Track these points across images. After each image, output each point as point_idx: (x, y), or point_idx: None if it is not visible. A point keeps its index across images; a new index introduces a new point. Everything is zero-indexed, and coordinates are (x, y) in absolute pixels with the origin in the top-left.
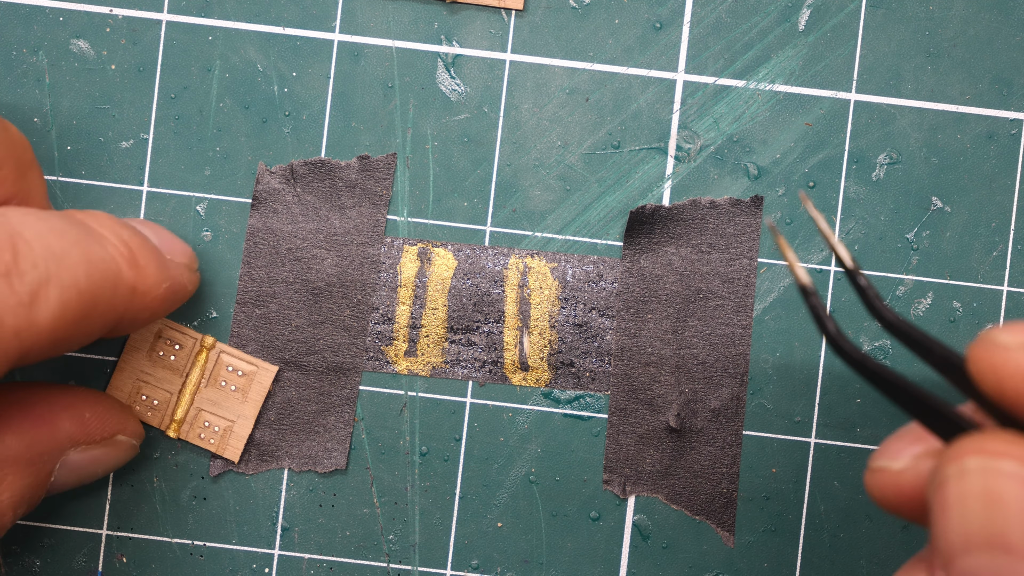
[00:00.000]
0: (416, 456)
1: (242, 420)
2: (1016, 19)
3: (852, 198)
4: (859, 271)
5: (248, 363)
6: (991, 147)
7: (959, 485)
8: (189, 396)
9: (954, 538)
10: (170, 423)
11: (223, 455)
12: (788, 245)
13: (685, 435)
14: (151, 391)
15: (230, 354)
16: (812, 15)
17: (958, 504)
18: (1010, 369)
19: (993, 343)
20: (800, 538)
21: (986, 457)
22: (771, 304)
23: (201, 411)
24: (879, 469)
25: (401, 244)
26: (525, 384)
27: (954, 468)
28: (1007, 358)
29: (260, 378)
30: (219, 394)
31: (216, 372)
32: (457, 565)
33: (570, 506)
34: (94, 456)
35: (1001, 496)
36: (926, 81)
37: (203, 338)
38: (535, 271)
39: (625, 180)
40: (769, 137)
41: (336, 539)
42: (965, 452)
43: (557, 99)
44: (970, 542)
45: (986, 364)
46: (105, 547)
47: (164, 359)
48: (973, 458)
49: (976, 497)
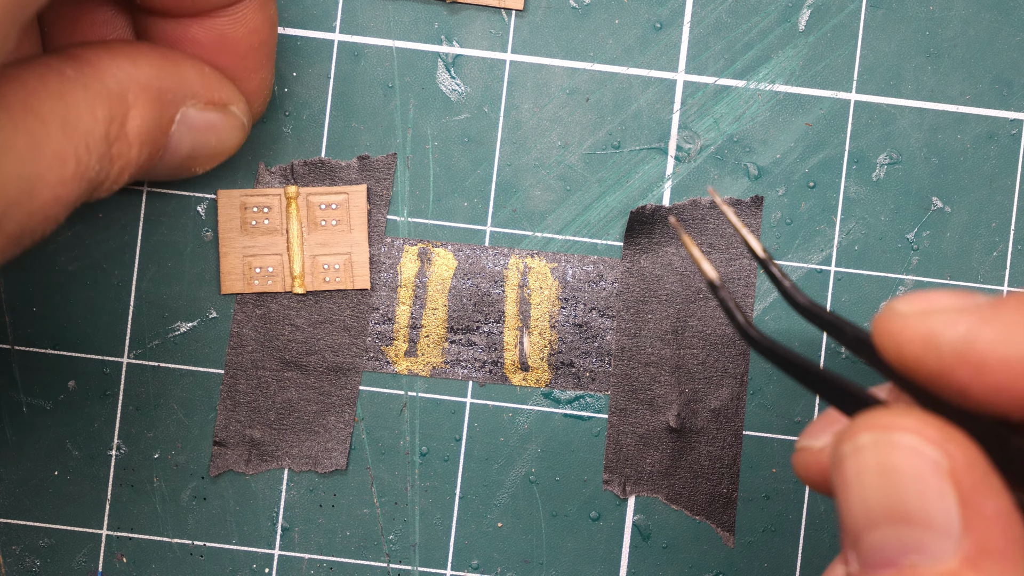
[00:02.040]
0: (416, 456)
1: (357, 248)
2: (1016, 19)
3: (852, 198)
4: (772, 260)
5: (336, 193)
6: (991, 147)
7: (855, 462)
8: (298, 248)
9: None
10: (292, 282)
11: (355, 287)
12: (692, 242)
13: (685, 435)
14: (261, 261)
15: (317, 192)
16: (812, 15)
17: (856, 481)
18: (907, 335)
19: (892, 312)
20: (800, 538)
21: (878, 432)
22: (771, 304)
23: (315, 257)
24: (801, 448)
25: (401, 244)
26: (525, 384)
27: (849, 446)
28: (904, 325)
29: (355, 201)
30: (324, 234)
31: (312, 215)
32: (457, 565)
33: (570, 506)
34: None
35: (895, 468)
36: (926, 81)
37: (285, 189)
38: (535, 271)
39: (625, 180)
40: (769, 137)
41: (336, 539)
42: (859, 429)
43: (557, 99)
44: (872, 518)
45: (886, 333)
46: (105, 547)
47: (258, 226)
48: (866, 434)
49: (872, 472)
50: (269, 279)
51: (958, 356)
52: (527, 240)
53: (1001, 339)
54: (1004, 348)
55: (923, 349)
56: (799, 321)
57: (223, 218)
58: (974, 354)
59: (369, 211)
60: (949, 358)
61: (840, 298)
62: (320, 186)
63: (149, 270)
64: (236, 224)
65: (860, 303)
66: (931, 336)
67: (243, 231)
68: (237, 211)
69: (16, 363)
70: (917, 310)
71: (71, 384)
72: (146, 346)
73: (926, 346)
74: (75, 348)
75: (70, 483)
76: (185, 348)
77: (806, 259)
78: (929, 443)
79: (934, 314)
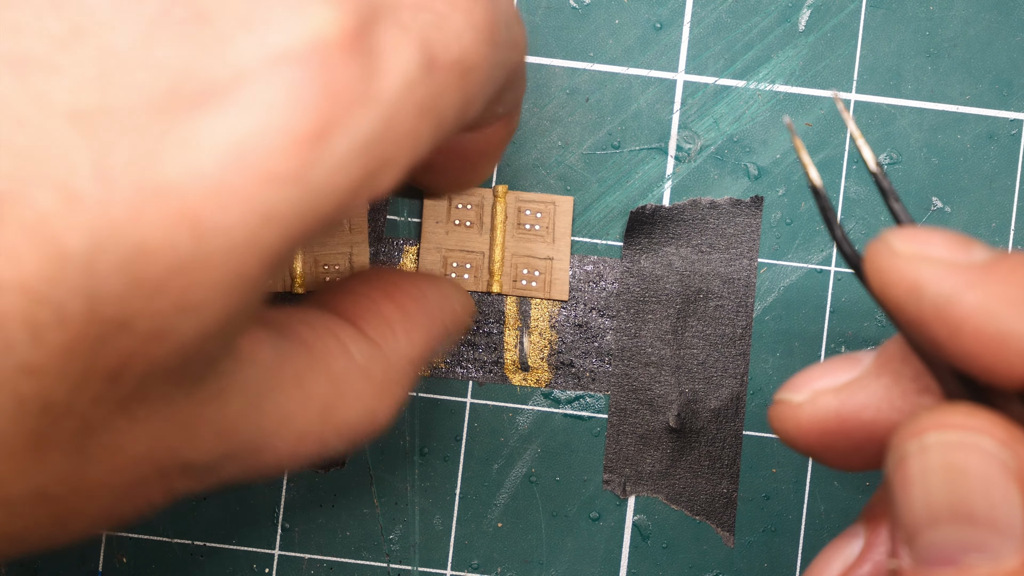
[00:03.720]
0: (416, 456)
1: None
2: (1016, 19)
3: (852, 198)
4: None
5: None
6: (991, 147)
7: (921, 460)
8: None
9: (918, 513)
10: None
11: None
12: (803, 146)
13: (685, 435)
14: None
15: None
16: (812, 15)
17: (920, 479)
18: (894, 277)
19: (886, 246)
20: (800, 538)
21: (947, 431)
22: (771, 304)
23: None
24: (779, 401)
25: (401, 244)
26: (525, 384)
27: (915, 444)
28: (893, 265)
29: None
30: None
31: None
32: (457, 565)
33: (570, 506)
34: None
35: (964, 468)
36: (926, 81)
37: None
38: None
39: (625, 180)
40: (769, 137)
41: (336, 539)
42: (925, 427)
43: (557, 99)
44: (934, 516)
45: (875, 267)
46: (105, 547)
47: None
48: (934, 433)
49: (938, 470)
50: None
51: (937, 313)
52: None
53: (981, 308)
54: (981, 318)
55: (906, 295)
56: (799, 321)
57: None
58: (952, 316)
59: (369, 211)
60: (929, 312)
61: (840, 298)
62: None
63: None
64: (443, 217)
65: (860, 303)
66: (916, 285)
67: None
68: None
69: None
70: (910, 252)
71: None
72: None
73: (910, 293)
74: None
75: None
76: None
77: (806, 259)
78: (999, 443)
79: (925, 263)
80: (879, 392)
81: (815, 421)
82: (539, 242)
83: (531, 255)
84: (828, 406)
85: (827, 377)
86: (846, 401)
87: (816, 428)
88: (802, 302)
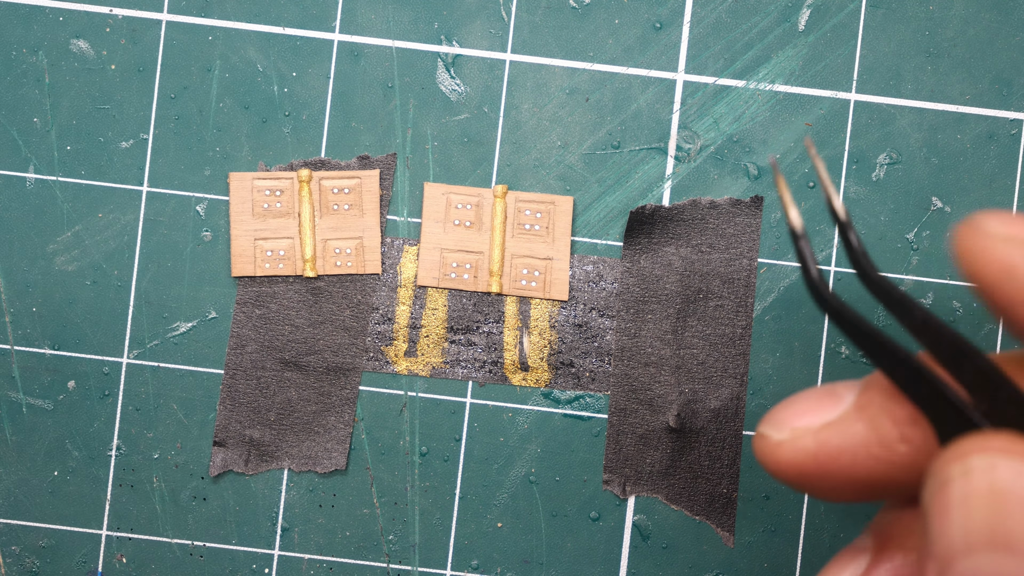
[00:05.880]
0: (416, 456)
1: (369, 232)
2: (1016, 19)
3: (852, 198)
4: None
5: (349, 177)
6: (991, 147)
7: (964, 484)
8: (310, 232)
9: (955, 539)
10: (303, 265)
11: (366, 271)
12: (786, 185)
13: (685, 435)
14: (272, 244)
15: (329, 177)
16: (812, 15)
17: (961, 504)
18: (988, 257)
19: (980, 228)
20: (800, 538)
21: (992, 455)
22: (771, 304)
23: (327, 241)
24: (760, 435)
25: (401, 244)
26: (525, 384)
27: (958, 468)
28: (987, 246)
29: (367, 185)
30: (336, 218)
31: (324, 199)
32: (457, 565)
33: (570, 506)
34: None
35: (1007, 494)
36: (926, 81)
37: (298, 173)
38: None
39: (625, 180)
40: (769, 137)
41: (336, 539)
42: (969, 451)
43: (557, 99)
44: (971, 543)
45: (967, 249)
46: (105, 547)
47: (270, 209)
48: (978, 457)
49: (981, 496)
50: (280, 262)
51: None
52: None
53: None
54: None
55: (1001, 277)
56: (799, 321)
57: (235, 200)
58: None
59: (381, 195)
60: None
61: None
62: (335, 171)
63: (149, 270)
64: (247, 207)
65: (860, 304)
66: (1012, 268)
67: (254, 214)
68: (248, 194)
69: (16, 363)
70: (1004, 234)
71: (71, 384)
72: (146, 346)
73: (1006, 275)
74: (75, 348)
75: (70, 483)
76: (185, 348)
77: None
78: None
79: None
80: (857, 438)
81: (793, 462)
82: (539, 242)
83: (531, 255)
84: (807, 448)
85: (807, 416)
86: (824, 444)
87: (795, 467)
88: (802, 302)
